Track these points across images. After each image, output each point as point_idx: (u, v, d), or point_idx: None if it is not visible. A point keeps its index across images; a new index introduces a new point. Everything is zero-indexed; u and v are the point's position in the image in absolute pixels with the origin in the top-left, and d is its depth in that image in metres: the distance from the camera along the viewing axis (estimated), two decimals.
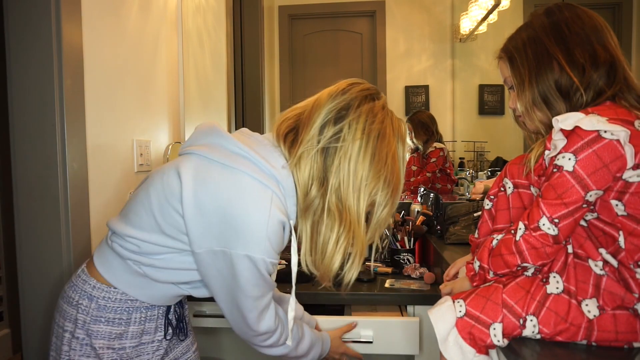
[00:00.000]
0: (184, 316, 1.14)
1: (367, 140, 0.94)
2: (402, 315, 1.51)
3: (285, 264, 1.66)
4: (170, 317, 1.09)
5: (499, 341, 0.88)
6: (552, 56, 0.93)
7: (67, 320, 1.01)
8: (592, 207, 0.86)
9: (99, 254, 1.04)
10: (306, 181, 0.95)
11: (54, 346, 1.03)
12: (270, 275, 0.97)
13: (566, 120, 0.83)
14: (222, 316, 1.54)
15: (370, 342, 1.43)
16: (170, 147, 2.09)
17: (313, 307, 1.65)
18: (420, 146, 3.04)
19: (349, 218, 0.94)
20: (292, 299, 1.04)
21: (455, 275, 1.15)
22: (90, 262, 1.04)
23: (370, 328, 1.44)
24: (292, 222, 0.97)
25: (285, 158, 0.96)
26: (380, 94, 1.03)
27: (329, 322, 1.42)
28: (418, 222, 1.88)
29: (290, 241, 0.97)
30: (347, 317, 1.46)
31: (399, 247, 1.81)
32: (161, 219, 0.94)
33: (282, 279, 1.35)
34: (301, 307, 1.34)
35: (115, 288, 1.00)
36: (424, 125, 3.00)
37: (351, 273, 0.98)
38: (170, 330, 1.09)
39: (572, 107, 0.91)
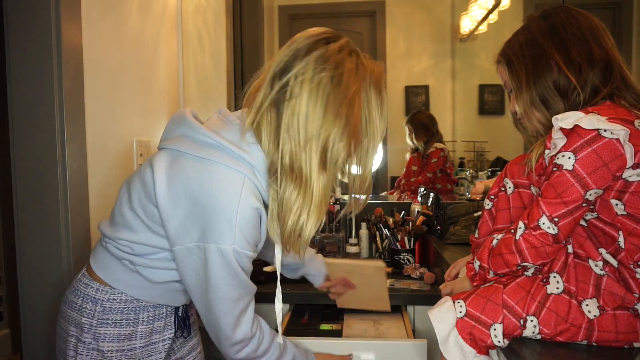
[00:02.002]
0: (188, 315, 1.12)
1: (316, 91, 0.85)
2: (407, 337, 1.37)
3: None
4: (180, 314, 1.07)
5: (499, 342, 0.88)
6: (549, 57, 0.94)
7: (72, 324, 0.99)
8: (592, 207, 0.86)
9: (96, 257, 1.02)
10: (267, 146, 0.89)
11: (60, 351, 1.02)
12: (246, 273, 0.92)
13: (566, 119, 0.83)
14: None
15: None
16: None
17: (310, 307, 1.65)
18: (420, 147, 3.04)
19: (303, 179, 0.87)
20: (277, 289, 1.02)
21: (457, 276, 1.15)
22: (89, 266, 1.03)
23: (372, 351, 1.26)
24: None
25: (252, 131, 0.91)
26: (340, 36, 0.92)
27: (322, 346, 1.27)
28: (418, 222, 1.87)
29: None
30: (345, 340, 1.30)
31: (399, 247, 1.81)
32: (145, 217, 0.93)
33: (274, 278, 1.34)
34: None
35: (118, 290, 0.99)
36: (424, 126, 3.00)
37: (306, 234, 0.90)
38: (180, 328, 1.07)
39: (570, 107, 0.92)
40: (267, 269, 1.63)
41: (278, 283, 1.03)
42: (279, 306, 1.03)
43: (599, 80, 0.91)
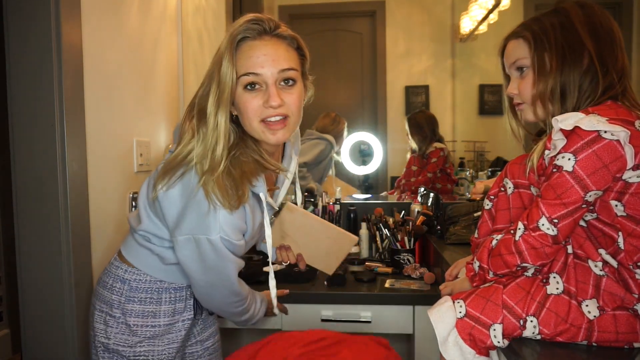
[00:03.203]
0: None
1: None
2: None
3: (285, 264, 1.66)
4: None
5: (499, 342, 0.88)
6: (585, 48, 0.91)
7: (102, 302, 1.14)
8: (591, 208, 0.86)
9: (125, 245, 1.18)
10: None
11: (92, 328, 1.16)
12: (237, 255, 1.06)
13: (566, 120, 0.83)
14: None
15: (369, 322, 1.56)
16: (170, 147, 2.08)
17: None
18: (415, 146, 3.04)
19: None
20: (270, 271, 1.17)
21: (458, 275, 1.15)
22: (120, 252, 1.18)
23: (369, 310, 1.57)
24: (262, 196, 1.05)
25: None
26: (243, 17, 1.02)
27: None
28: (418, 222, 1.87)
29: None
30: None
31: (399, 247, 1.81)
32: (154, 214, 1.09)
33: (281, 279, 1.35)
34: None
35: (143, 272, 1.13)
36: (418, 125, 3.01)
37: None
38: (199, 312, 1.21)
39: (576, 106, 0.90)
40: (266, 269, 1.63)
41: (270, 259, 1.15)
42: (272, 282, 1.17)
43: (612, 85, 0.90)
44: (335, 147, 2.91)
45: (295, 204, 1.34)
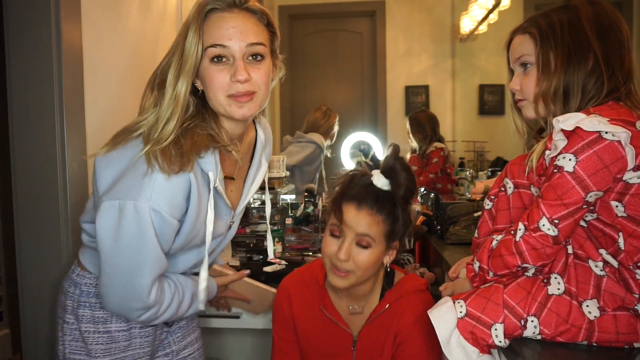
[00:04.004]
0: None
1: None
2: None
3: (285, 264, 1.66)
4: None
5: (500, 341, 0.88)
6: (591, 49, 0.89)
7: (61, 308, 1.06)
8: (592, 208, 0.86)
9: (81, 246, 1.11)
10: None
11: (56, 336, 1.08)
12: (160, 241, 0.92)
13: (567, 121, 0.83)
14: (226, 316, 1.54)
15: None
16: None
17: None
18: (415, 145, 3.04)
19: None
20: (205, 259, 1.01)
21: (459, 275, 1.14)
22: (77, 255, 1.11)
23: None
24: (211, 176, 0.95)
25: None
26: None
27: None
28: (418, 222, 1.87)
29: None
30: None
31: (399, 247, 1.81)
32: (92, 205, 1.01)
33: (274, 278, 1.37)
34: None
35: (94, 275, 1.04)
36: (419, 124, 3.01)
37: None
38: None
39: (579, 107, 0.90)
40: (267, 269, 1.63)
41: (206, 250, 1.00)
42: (203, 274, 1.02)
43: (617, 87, 0.89)
44: (324, 149, 2.91)
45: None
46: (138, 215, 0.87)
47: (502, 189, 1.03)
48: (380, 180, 1.09)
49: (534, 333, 0.87)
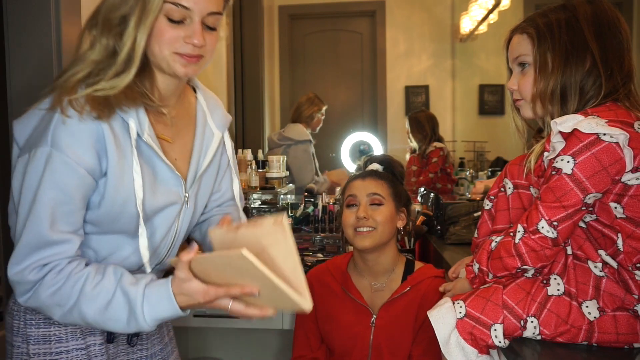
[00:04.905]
0: None
1: None
2: None
3: None
4: None
5: (500, 342, 0.88)
6: (588, 49, 0.89)
7: (8, 331, 0.93)
8: (590, 209, 0.86)
9: None
10: None
11: None
12: (63, 188, 0.81)
13: (565, 123, 0.83)
14: (211, 316, 1.54)
15: None
16: None
17: None
18: (415, 145, 3.04)
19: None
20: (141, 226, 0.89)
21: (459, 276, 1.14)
22: None
23: None
24: (133, 123, 0.88)
25: None
26: None
27: None
28: (418, 222, 1.88)
29: None
30: None
31: (399, 247, 1.81)
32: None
33: None
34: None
35: None
36: (419, 124, 3.02)
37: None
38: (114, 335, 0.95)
39: (577, 109, 0.90)
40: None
41: (141, 218, 0.89)
42: (143, 242, 0.90)
43: (615, 89, 0.88)
44: (312, 140, 2.95)
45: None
46: (38, 161, 0.81)
47: (502, 189, 1.03)
48: (375, 166, 1.39)
49: (533, 334, 0.87)
